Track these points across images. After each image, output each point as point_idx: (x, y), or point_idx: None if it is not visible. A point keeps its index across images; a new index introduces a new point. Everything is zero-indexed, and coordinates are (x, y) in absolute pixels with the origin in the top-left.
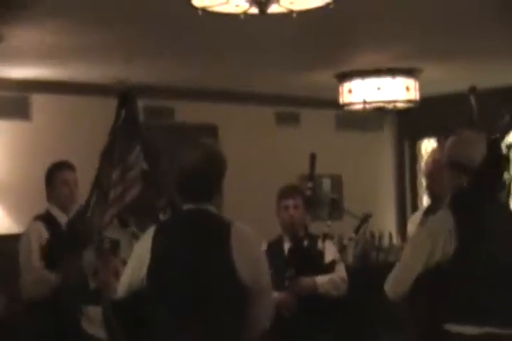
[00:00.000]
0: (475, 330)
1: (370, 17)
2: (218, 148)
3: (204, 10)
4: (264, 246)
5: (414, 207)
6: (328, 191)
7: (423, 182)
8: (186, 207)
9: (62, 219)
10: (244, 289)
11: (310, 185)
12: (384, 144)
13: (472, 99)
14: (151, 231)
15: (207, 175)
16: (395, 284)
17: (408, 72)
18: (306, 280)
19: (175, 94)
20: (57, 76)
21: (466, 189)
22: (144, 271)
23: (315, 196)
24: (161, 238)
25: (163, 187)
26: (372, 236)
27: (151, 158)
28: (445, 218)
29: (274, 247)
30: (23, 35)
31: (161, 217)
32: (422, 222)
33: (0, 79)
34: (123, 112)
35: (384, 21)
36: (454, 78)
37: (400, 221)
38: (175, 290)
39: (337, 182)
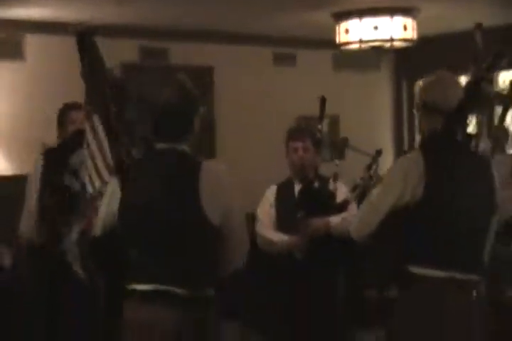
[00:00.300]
0: (439, 273)
1: None
2: (190, 85)
3: None
4: (273, 189)
5: (412, 148)
6: (325, 131)
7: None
8: (159, 146)
9: None
10: (213, 228)
11: (320, 126)
12: (382, 84)
13: (478, 37)
14: (126, 168)
15: (176, 113)
16: (361, 224)
17: (406, 11)
18: (317, 221)
19: (169, 34)
20: (49, 16)
21: (439, 132)
22: (115, 208)
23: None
24: (132, 176)
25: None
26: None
27: (118, 98)
28: (416, 160)
29: (284, 190)
30: None
31: (136, 155)
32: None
33: None
34: (85, 53)
35: None
36: (453, 17)
37: None
38: (143, 228)
39: (335, 122)
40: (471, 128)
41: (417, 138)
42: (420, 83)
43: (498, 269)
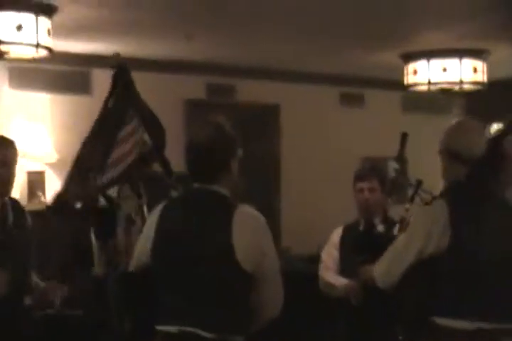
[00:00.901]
0: (466, 325)
1: None
2: (229, 127)
3: None
4: (338, 231)
5: None
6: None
7: None
8: (196, 186)
9: None
10: (244, 274)
11: (397, 166)
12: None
13: None
14: (159, 207)
15: (213, 154)
16: (385, 273)
17: (476, 53)
18: (369, 269)
19: (237, 72)
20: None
21: (463, 181)
22: (149, 246)
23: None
24: (167, 215)
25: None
26: None
27: (152, 131)
28: (441, 209)
29: (350, 232)
30: (77, 8)
31: (173, 194)
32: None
33: (61, 53)
34: (118, 83)
35: None
36: None
37: None
38: (174, 268)
39: (402, 165)
40: None
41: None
42: (445, 129)
43: None
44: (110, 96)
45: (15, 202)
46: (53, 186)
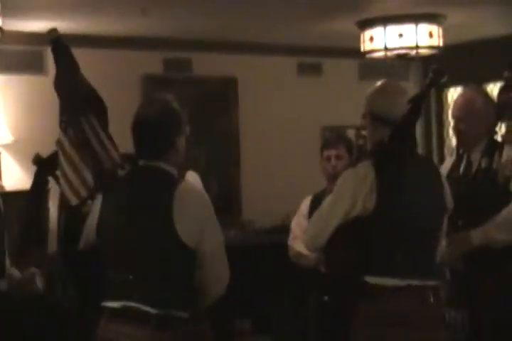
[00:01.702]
0: (396, 282)
1: None
2: (176, 104)
3: None
4: (307, 201)
5: (441, 157)
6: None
7: (450, 131)
8: (140, 163)
9: None
10: (187, 251)
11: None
12: (410, 93)
13: None
14: (105, 186)
15: (157, 131)
16: (313, 236)
17: (431, 18)
18: None
19: (193, 45)
20: (71, 29)
21: (387, 141)
22: (95, 224)
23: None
24: (111, 192)
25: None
26: None
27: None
28: (366, 171)
29: (318, 201)
30: None
31: (120, 173)
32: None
33: (14, 32)
34: (60, 62)
35: None
36: (480, 23)
37: None
38: (116, 245)
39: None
40: (498, 137)
41: (448, 146)
42: (367, 93)
43: None
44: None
45: None
46: (9, 168)
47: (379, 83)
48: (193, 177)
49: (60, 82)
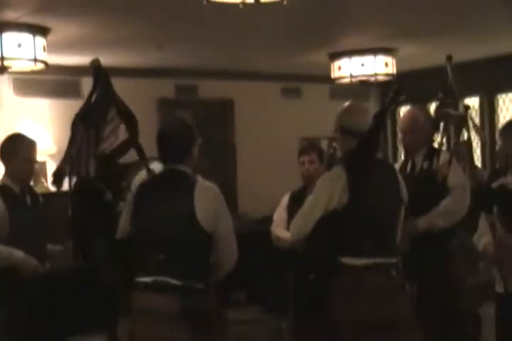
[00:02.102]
0: (365, 261)
1: (354, 4)
2: (191, 120)
3: (209, 1)
4: (287, 196)
5: (395, 160)
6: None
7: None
8: (165, 167)
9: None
10: (206, 234)
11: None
12: (370, 111)
13: (449, 68)
14: (137, 184)
15: (177, 142)
16: (299, 227)
17: (387, 51)
18: None
19: (198, 74)
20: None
21: (354, 150)
22: (129, 216)
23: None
24: (142, 190)
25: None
26: None
27: (128, 122)
28: (339, 174)
29: (296, 196)
30: (67, 28)
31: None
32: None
33: (55, 65)
34: (98, 83)
35: (365, 8)
36: (426, 55)
37: None
38: (149, 232)
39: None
40: (436, 144)
41: (400, 152)
42: (337, 111)
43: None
44: (91, 94)
45: (30, 188)
46: None
47: (347, 103)
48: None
49: (97, 99)
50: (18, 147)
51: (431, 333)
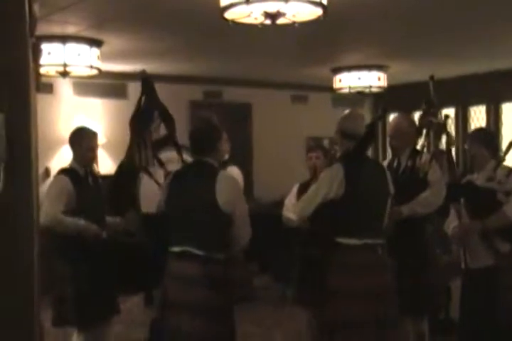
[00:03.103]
0: (357, 241)
1: (353, 28)
2: (215, 120)
3: (233, 21)
4: (296, 186)
5: (384, 158)
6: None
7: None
8: (194, 158)
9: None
10: (224, 215)
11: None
12: (365, 117)
13: (431, 85)
14: (173, 172)
15: (205, 139)
16: (302, 209)
17: (380, 67)
18: None
19: (223, 81)
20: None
21: (351, 150)
22: (164, 198)
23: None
24: (175, 177)
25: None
26: None
27: (167, 122)
28: (338, 169)
29: (304, 186)
30: (117, 42)
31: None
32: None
33: (107, 71)
34: (144, 90)
35: (362, 31)
36: (413, 71)
37: None
38: (179, 212)
39: (332, 142)
40: (419, 146)
41: (389, 153)
42: (338, 117)
43: None
44: (140, 99)
45: (92, 170)
46: (103, 160)
47: (346, 111)
48: (234, 170)
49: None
50: (83, 137)
51: (407, 302)
